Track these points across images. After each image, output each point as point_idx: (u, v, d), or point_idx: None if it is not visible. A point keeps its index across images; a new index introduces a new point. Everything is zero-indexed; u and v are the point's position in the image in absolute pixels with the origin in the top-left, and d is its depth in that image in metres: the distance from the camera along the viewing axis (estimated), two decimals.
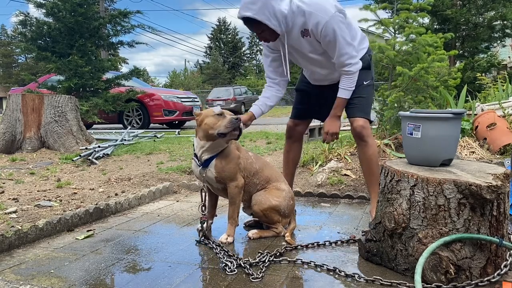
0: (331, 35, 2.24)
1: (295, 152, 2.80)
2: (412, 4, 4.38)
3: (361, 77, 2.43)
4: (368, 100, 2.51)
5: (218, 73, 41.96)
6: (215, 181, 2.26)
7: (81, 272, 1.87)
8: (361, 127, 2.42)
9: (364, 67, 2.43)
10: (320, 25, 2.22)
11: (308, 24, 2.25)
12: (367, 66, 2.47)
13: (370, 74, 2.53)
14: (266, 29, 2.25)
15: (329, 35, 2.24)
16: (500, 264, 1.67)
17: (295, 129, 2.75)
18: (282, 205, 2.28)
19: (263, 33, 2.29)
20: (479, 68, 13.50)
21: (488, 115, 4.05)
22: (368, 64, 2.49)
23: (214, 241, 2.18)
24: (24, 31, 8.49)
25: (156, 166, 4.39)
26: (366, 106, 2.48)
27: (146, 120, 9.42)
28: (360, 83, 2.44)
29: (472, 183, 1.59)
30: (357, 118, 2.44)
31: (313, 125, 5.93)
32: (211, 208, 2.46)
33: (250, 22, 2.23)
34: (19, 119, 5.47)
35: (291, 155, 2.79)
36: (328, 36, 2.25)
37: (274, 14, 2.19)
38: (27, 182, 3.80)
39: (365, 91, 2.47)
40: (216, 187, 2.32)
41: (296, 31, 2.31)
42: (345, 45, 2.27)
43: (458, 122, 1.89)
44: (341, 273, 1.77)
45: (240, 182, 2.25)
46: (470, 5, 14.16)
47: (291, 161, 2.80)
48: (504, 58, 18.19)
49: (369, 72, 2.52)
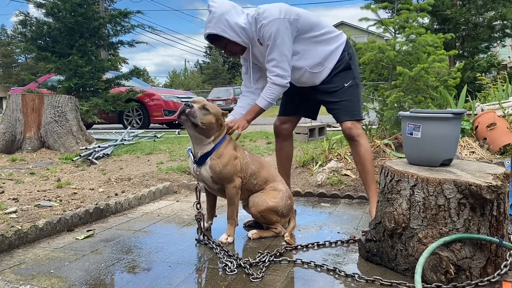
0: (267, 39, 2.31)
1: (286, 151, 2.80)
2: (413, 4, 4.38)
3: (341, 79, 2.44)
4: (352, 101, 2.48)
5: (218, 73, 41.93)
6: (211, 181, 2.25)
7: (81, 272, 1.87)
8: (349, 129, 2.46)
9: (343, 68, 2.45)
10: (262, 29, 2.32)
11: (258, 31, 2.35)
12: (346, 67, 2.47)
13: (351, 74, 2.49)
14: (228, 42, 2.37)
15: (266, 38, 2.32)
16: (500, 264, 1.67)
17: (281, 127, 2.74)
18: (280, 205, 2.27)
19: (227, 47, 2.42)
20: (479, 68, 13.49)
21: (488, 115, 4.05)
22: (347, 65, 2.47)
23: (214, 241, 2.18)
24: (24, 31, 8.49)
25: (156, 166, 4.40)
26: (351, 107, 2.47)
27: (146, 120, 9.41)
28: (341, 86, 2.44)
29: (472, 183, 1.59)
30: (343, 122, 2.47)
31: (313, 125, 5.94)
32: (210, 209, 2.45)
33: (213, 40, 2.39)
34: (19, 119, 5.47)
35: (283, 154, 2.79)
36: (265, 39, 2.32)
37: (230, 26, 2.31)
38: (27, 182, 3.80)
39: (347, 93, 2.46)
40: (211, 187, 2.31)
41: (256, 40, 2.40)
42: (276, 51, 2.31)
43: (458, 122, 1.89)
44: (341, 273, 1.77)
45: (238, 183, 2.24)
46: (470, 5, 14.15)
47: (284, 159, 2.81)
48: (504, 58, 18.19)
49: (350, 72, 2.49)
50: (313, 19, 2.43)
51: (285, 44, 2.31)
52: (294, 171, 3.92)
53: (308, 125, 5.81)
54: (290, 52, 2.35)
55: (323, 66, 2.46)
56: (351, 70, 2.49)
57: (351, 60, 2.50)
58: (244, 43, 2.39)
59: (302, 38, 2.40)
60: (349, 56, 2.49)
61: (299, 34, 2.38)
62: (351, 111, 2.47)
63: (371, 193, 2.49)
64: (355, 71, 2.51)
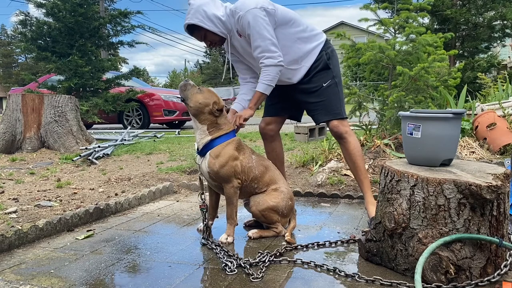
0: (247, 28, 2.34)
1: (276, 152, 2.81)
2: (412, 4, 4.38)
3: (319, 79, 2.45)
4: (332, 101, 2.49)
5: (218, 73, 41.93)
6: (208, 177, 2.26)
7: (81, 272, 1.87)
8: (336, 127, 2.49)
9: (321, 68, 2.45)
10: (240, 20, 2.36)
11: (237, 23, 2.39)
12: (324, 67, 2.48)
13: (330, 74, 2.50)
14: (206, 32, 2.42)
15: (246, 28, 2.35)
16: (500, 264, 1.67)
17: (266, 128, 2.75)
18: (280, 205, 2.28)
19: (207, 38, 2.46)
20: (479, 68, 13.51)
21: (488, 115, 4.05)
22: (325, 65, 2.48)
23: (213, 241, 2.18)
24: (24, 31, 8.49)
25: (156, 166, 4.40)
26: (331, 107, 2.48)
27: (146, 120, 9.41)
28: (319, 86, 2.45)
29: (472, 183, 1.59)
30: (328, 121, 2.50)
31: (313, 125, 5.94)
32: (212, 209, 2.44)
33: (192, 30, 2.44)
34: (19, 119, 5.47)
35: (273, 155, 2.80)
36: (245, 29, 2.36)
37: (207, 17, 2.36)
38: (27, 182, 3.80)
39: (325, 93, 2.48)
40: (210, 182, 2.33)
41: (235, 32, 2.44)
42: (258, 38, 2.34)
43: (458, 122, 1.89)
44: (341, 273, 1.77)
45: (236, 183, 2.23)
46: (470, 5, 14.16)
47: (275, 160, 2.79)
48: (504, 58, 18.20)
49: (329, 72, 2.50)
50: (291, 15, 2.46)
51: (264, 29, 2.33)
52: (294, 171, 3.92)
53: (308, 125, 5.80)
54: (273, 36, 2.36)
55: (300, 64, 2.48)
56: (329, 70, 2.50)
57: (330, 60, 2.51)
58: (222, 34, 2.44)
59: (281, 33, 2.42)
60: (327, 56, 2.50)
61: (277, 27, 2.41)
62: (331, 110, 2.48)
63: (365, 188, 2.52)
64: (334, 70, 2.52)
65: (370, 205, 2.45)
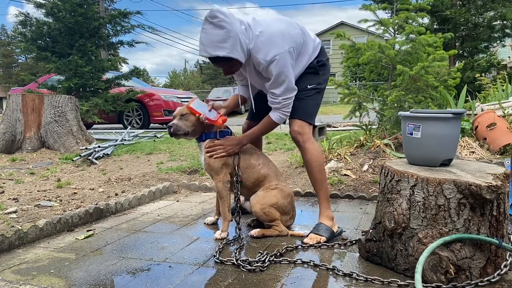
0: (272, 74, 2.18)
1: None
2: (412, 4, 4.38)
3: (305, 80, 2.36)
4: (309, 104, 2.37)
5: (218, 73, 41.91)
6: (204, 167, 2.42)
7: (81, 272, 1.87)
8: (296, 132, 2.33)
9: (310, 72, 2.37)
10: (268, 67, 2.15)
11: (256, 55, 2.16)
12: (314, 71, 2.38)
13: (316, 79, 2.39)
14: (237, 63, 2.17)
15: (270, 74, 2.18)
16: (500, 264, 1.67)
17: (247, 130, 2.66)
18: (281, 202, 2.33)
19: (232, 68, 2.21)
20: (478, 68, 13.51)
21: (488, 115, 4.06)
22: (315, 70, 2.38)
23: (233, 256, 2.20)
24: (24, 31, 8.49)
25: (156, 166, 4.40)
26: (305, 108, 2.36)
27: (146, 120, 9.42)
28: (304, 87, 2.35)
29: (472, 183, 1.59)
30: (293, 119, 2.35)
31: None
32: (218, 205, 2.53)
33: (220, 60, 2.11)
34: (19, 119, 5.47)
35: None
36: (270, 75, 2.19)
37: (242, 49, 2.10)
38: (27, 182, 3.80)
39: (306, 94, 2.36)
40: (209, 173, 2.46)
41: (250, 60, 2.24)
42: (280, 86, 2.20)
43: (458, 122, 1.89)
44: (340, 273, 1.78)
45: (225, 178, 2.34)
46: (470, 5, 14.16)
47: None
48: (504, 58, 18.20)
49: (316, 77, 2.39)
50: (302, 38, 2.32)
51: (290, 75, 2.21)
52: (294, 171, 3.92)
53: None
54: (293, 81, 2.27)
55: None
56: (318, 75, 2.40)
57: (321, 67, 2.41)
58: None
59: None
60: (320, 63, 2.40)
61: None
62: (304, 111, 2.36)
63: (320, 199, 2.39)
64: (321, 78, 2.42)
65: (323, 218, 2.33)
